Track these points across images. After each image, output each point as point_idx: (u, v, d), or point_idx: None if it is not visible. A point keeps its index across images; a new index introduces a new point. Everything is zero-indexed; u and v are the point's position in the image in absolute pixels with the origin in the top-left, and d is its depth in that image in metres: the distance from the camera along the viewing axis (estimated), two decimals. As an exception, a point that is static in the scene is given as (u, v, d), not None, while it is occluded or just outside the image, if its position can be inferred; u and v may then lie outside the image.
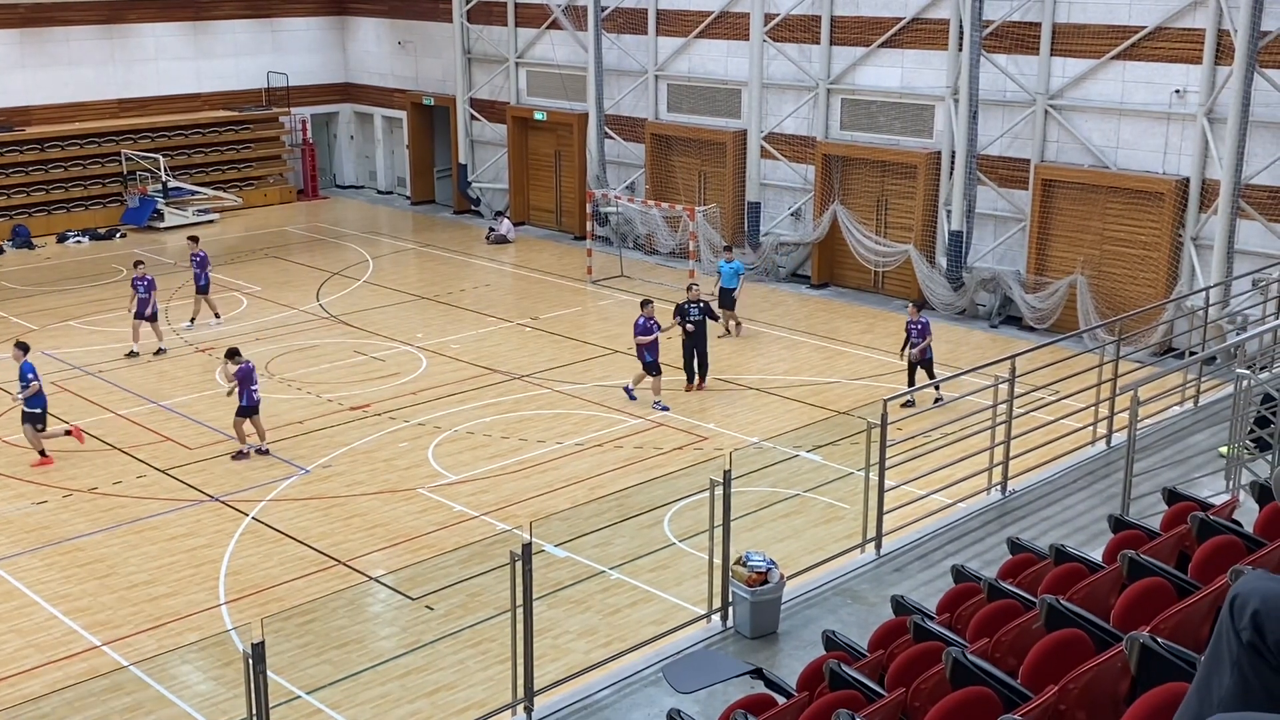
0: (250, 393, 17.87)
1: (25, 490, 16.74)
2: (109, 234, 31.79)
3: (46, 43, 32.10)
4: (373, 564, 14.76)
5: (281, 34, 36.44)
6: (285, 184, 36.37)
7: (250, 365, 18.13)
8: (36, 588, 14.14)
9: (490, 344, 23.19)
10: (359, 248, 30.91)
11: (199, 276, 24.08)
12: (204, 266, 24.13)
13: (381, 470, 17.50)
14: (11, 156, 31.50)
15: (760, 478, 16.72)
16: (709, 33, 28.87)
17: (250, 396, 17.87)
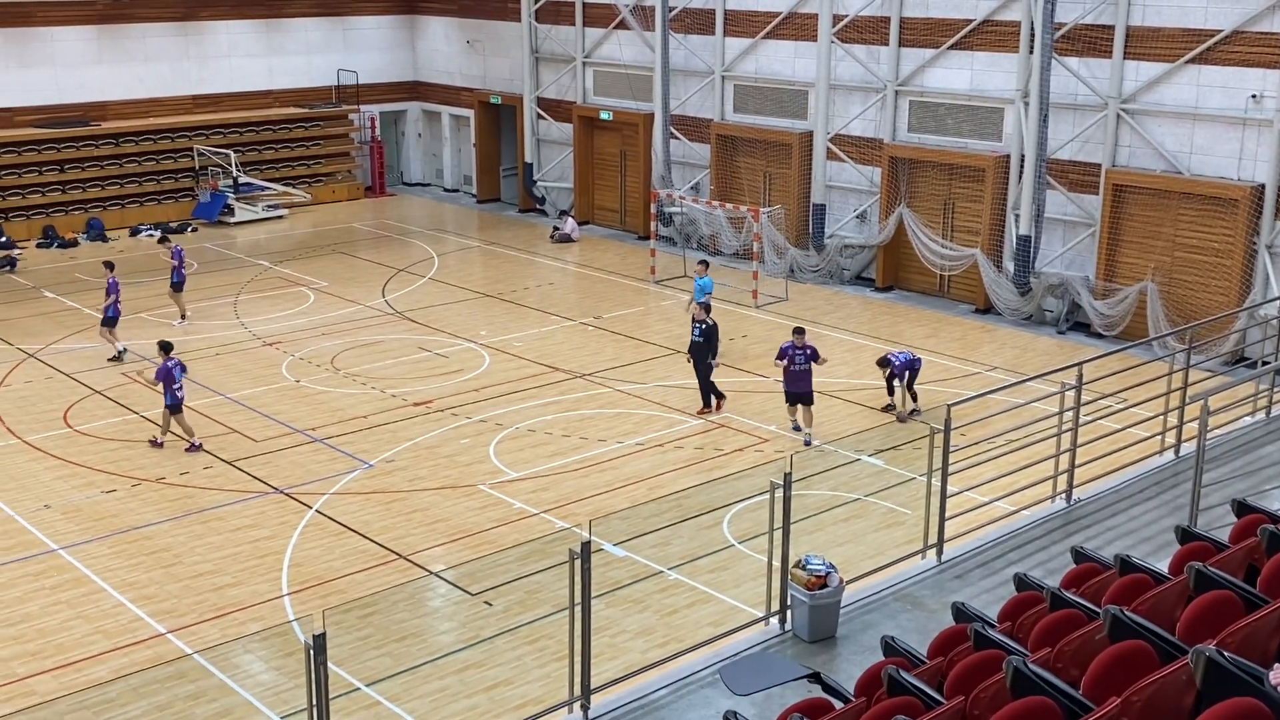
0: (173, 391, 17.88)
1: (95, 479, 17.08)
2: (180, 228, 32.32)
3: (123, 39, 32.70)
4: (433, 559, 14.88)
5: (352, 32, 36.85)
6: (353, 181, 36.77)
7: (171, 364, 17.99)
8: (105, 575, 14.41)
9: (552, 342, 23.29)
10: (424, 245, 31.18)
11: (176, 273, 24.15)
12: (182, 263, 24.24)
13: (443, 466, 17.64)
14: (88, 150, 32.13)
15: (821, 481, 16.64)
16: (777, 33, 28.78)
17: (173, 395, 17.90)
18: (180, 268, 24.27)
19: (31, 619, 13.42)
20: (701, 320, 19.77)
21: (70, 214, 31.80)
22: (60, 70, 31.86)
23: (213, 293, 26.38)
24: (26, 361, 21.92)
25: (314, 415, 19.46)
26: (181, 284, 24.27)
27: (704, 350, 19.55)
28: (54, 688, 12.17)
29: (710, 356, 19.58)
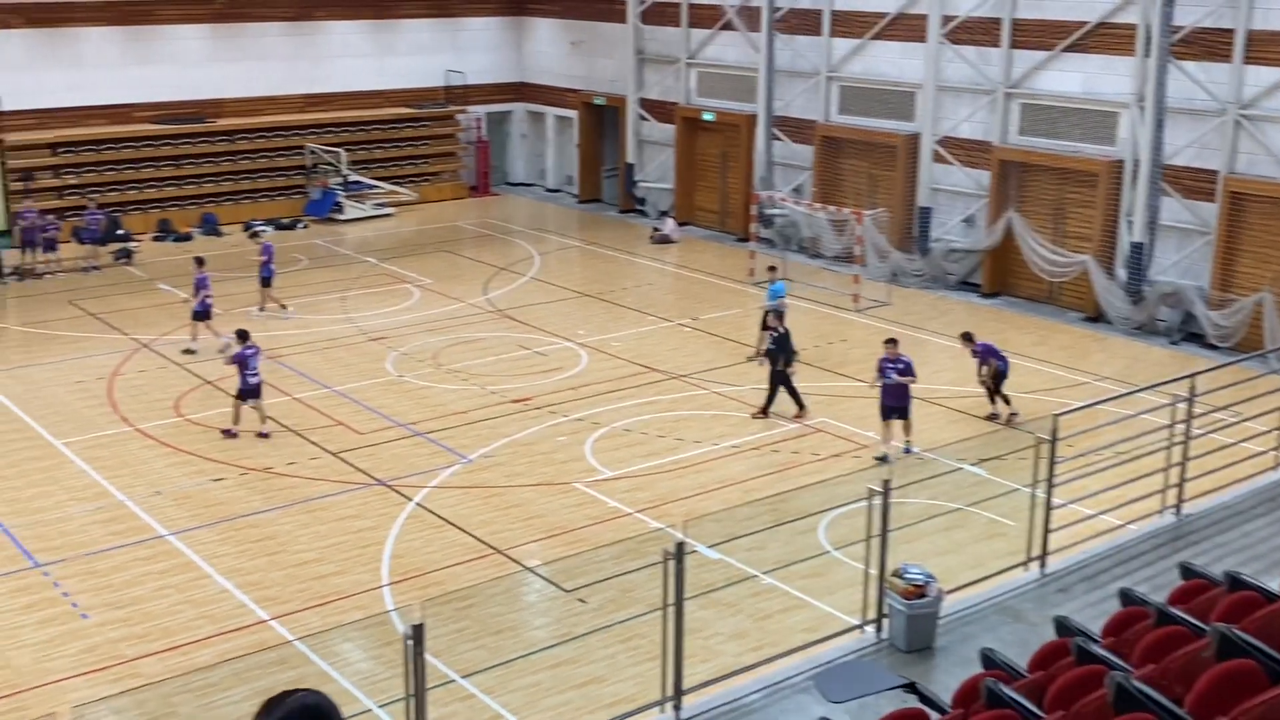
0: (247, 377, 18.32)
1: (205, 467, 17.54)
2: (291, 224, 33.05)
3: (239, 38, 33.53)
4: (529, 554, 15.01)
5: (461, 33, 37.34)
6: (458, 180, 37.25)
7: (249, 352, 18.47)
8: (211, 561, 14.79)
9: (650, 343, 23.34)
10: (526, 244, 31.46)
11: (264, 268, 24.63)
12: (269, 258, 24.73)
13: (540, 463, 17.78)
14: (203, 147, 33.01)
15: (921, 489, 16.43)
16: (884, 34, 28.50)
17: (247, 380, 18.34)
18: (269, 263, 24.75)
19: (140, 602, 13.83)
20: (774, 328, 19.60)
21: (185, 208, 32.69)
22: (178, 68, 32.77)
23: (322, 288, 26.92)
24: (140, 351, 22.59)
25: (416, 410, 19.75)
26: (270, 279, 24.75)
27: (776, 357, 19.39)
28: (160, 670, 12.53)
29: (783, 363, 19.37)
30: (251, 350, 18.63)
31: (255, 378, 18.54)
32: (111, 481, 17.00)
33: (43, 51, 30.75)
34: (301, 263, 29.30)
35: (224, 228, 32.51)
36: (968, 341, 19.87)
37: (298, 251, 30.32)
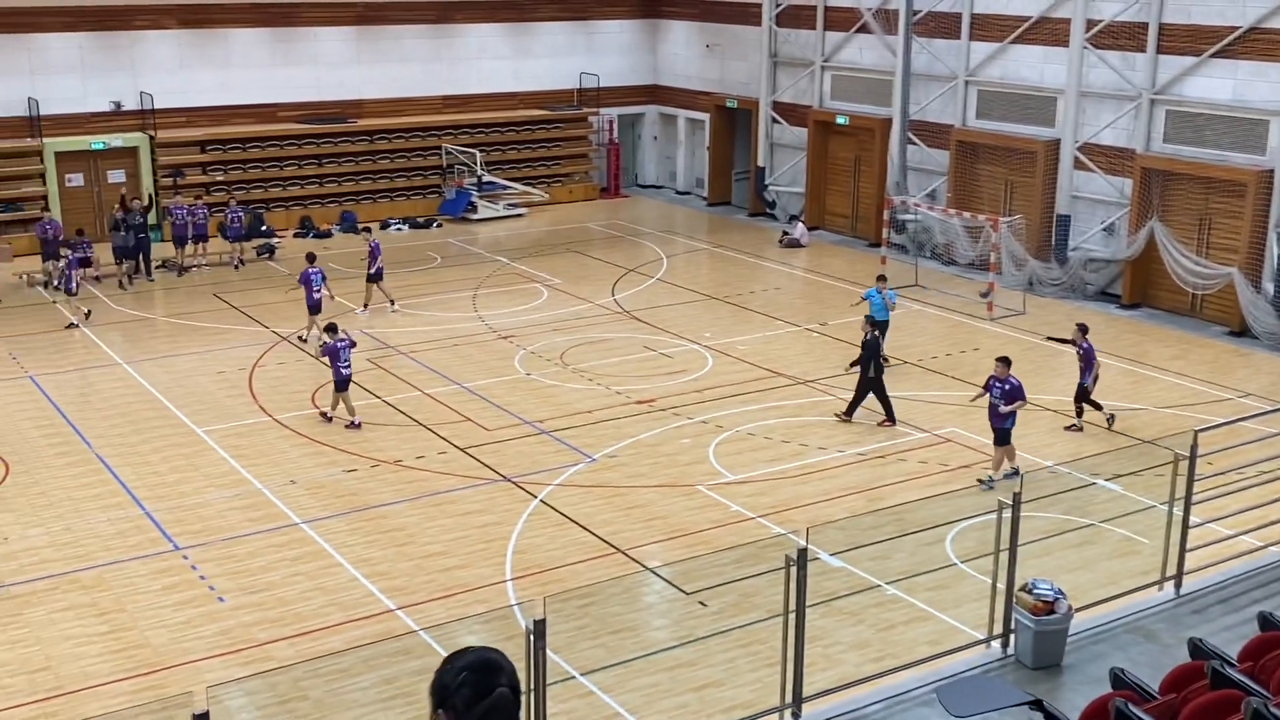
0: (339, 369, 18.76)
1: (338, 459, 18.01)
2: (426, 223, 33.73)
3: (380, 40, 34.34)
4: (649, 555, 15.07)
5: (596, 36, 37.67)
6: (589, 181, 37.58)
7: (340, 344, 18.88)
8: (342, 550, 15.18)
9: (777, 347, 23.23)
10: (655, 246, 31.60)
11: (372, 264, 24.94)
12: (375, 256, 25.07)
13: (663, 464, 17.84)
14: (344, 146, 33.88)
15: (1052, 504, 16.06)
16: (1025, 38, 27.92)
17: (339, 372, 18.76)
18: (377, 260, 25.16)
19: (274, 588, 14.26)
20: (867, 331, 19.36)
21: (326, 206, 33.60)
22: (321, 68, 33.70)
23: (454, 286, 27.41)
24: (280, 344, 23.29)
25: (542, 408, 19.99)
26: (379, 275, 25.19)
27: (867, 364, 19.14)
28: (290, 654, 12.90)
29: (869, 371, 19.10)
30: (343, 343, 19.09)
31: (346, 369, 19.03)
32: (249, 469, 17.56)
33: (193, 52, 31.91)
34: (435, 261, 29.87)
35: (362, 225, 33.25)
36: (1081, 333, 19.23)
37: (431, 250, 30.93)
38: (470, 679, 3.80)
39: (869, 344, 19.20)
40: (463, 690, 3.79)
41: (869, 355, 19.14)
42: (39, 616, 13.58)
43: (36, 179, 30.24)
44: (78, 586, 14.23)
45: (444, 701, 3.81)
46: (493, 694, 3.77)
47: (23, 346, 23.06)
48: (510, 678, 3.84)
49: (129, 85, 31.10)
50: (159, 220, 30.42)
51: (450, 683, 3.82)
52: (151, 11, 31.16)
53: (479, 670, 3.83)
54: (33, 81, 29.94)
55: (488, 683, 3.80)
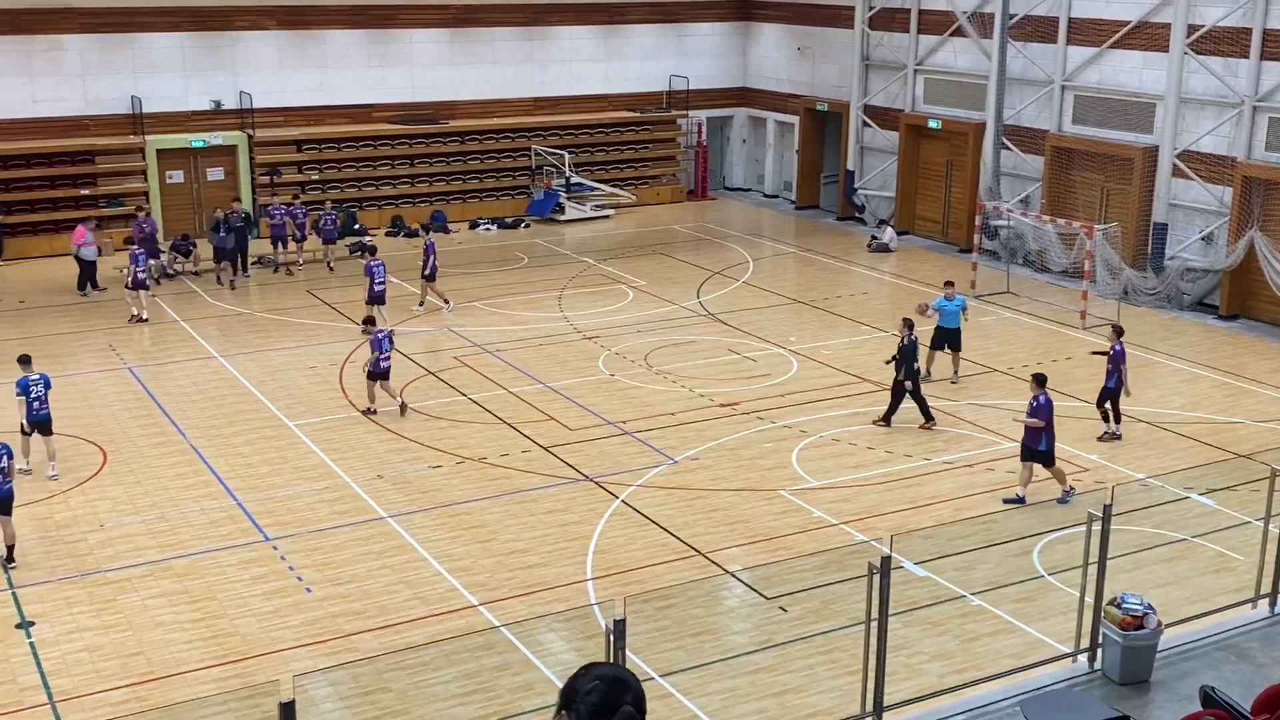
0: (379, 360, 19.34)
1: (424, 454, 18.23)
2: (514, 224, 34.01)
3: (473, 42, 34.71)
4: (730, 559, 15.04)
5: (687, 39, 37.70)
6: (677, 184, 37.61)
7: (381, 335, 19.51)
8: (426, 545, 15.36)
9: (863, 352, 23.04)
10: (741, 249, 31.52)
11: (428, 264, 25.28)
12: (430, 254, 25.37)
13: (745, 468, 17.79)
14: (436, 147, 34.29)
15: (1144, 517, 15.73)
16: (1124, 43, 27.39)
17: (378, 364, 19.34)
18: (432, 259, 25.39)
19: (359, 580, 14.47)
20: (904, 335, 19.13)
21: (417, 205, 34.03)
22: (416, 70, 34.15)
23: (540, 286, 27.60)
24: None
25: (625, 409, 20.05)
26: (433, 275, 25.43)
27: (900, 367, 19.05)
28: (374, 646, 13.08)
29: (900, 374, 19.00)
30: (383, 334, 19.64)
31: (386, 361, 19.61)
32: (337, 463, 17.85)
33: (292, 52, 32.52)
34: (522, 261, 30.11)
35: (452, 225, 33.68)
36: (1117, 335, 18.95)
37: (519, 250, 31.18)
38: (600, 689, 3.95)
39: (905, 348, 19.05)
40: (590, 698, 3.94)
41: (904, 359, 19.02)
42: (134, 602, 13.93)
43: (138, 175, 31.03)
44: (171, 574, 14.58)
45: (569, 704, 3.97)
46: (618, 710, 3.92)
47: (122, 339, 23.68)
48: (637, 700, 3.98)
49: (229, 85, 31.79)
50: (256, 220, 31.07)
51: (580, 688, 3.98)
52: (253, 12, 31.82)
53: (610, 683, 3.98)
54: (136, 80, 30.75)
55: (615, 698, 3.94)
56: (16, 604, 13.83)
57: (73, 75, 30.18)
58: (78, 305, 25.93)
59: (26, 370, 17.62)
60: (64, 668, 12.62)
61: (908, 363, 19.01)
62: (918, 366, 19.26)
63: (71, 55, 30.08)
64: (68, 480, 17.16)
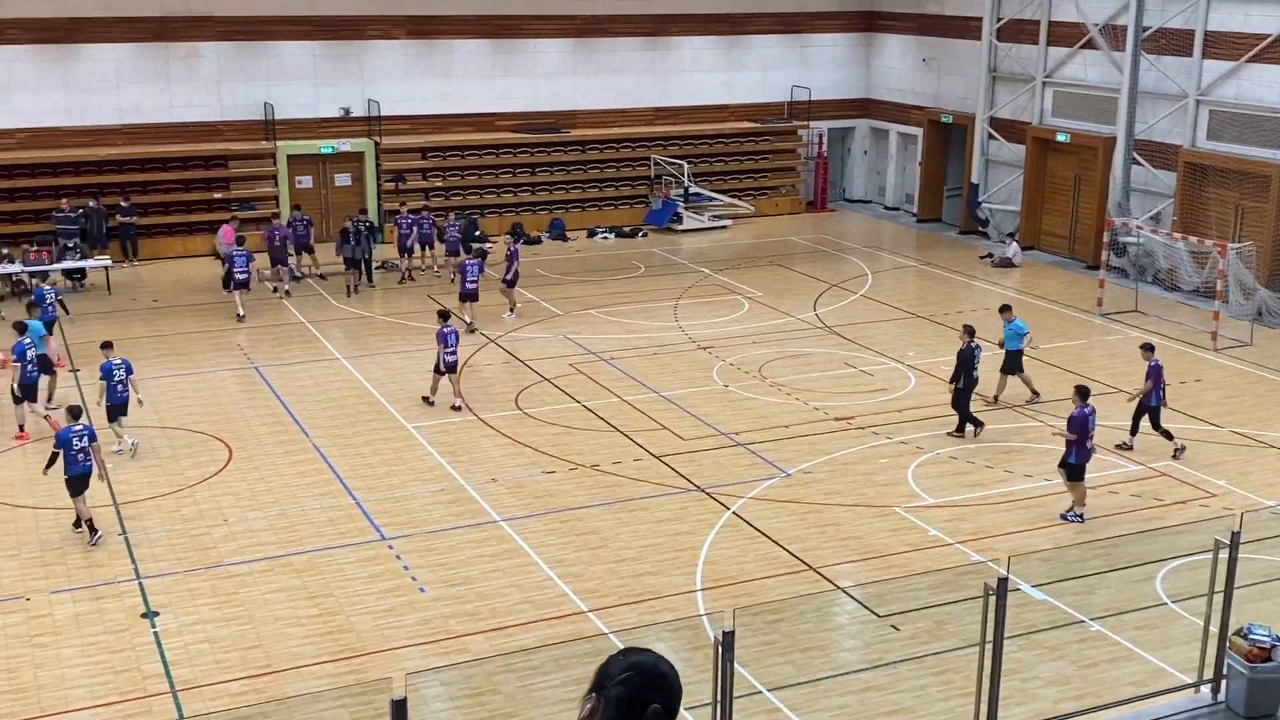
0: (444, 355, 20.00)
1: (538, 460, 18.41)
2: (632, 233, 34.19)
3: (596, 52, 35.02)
4: (842, 574, 14.90)
5: (810, 49, 37.53)
6: (796, 195, 37.43)
7: (446, 331, 20.15)
8: (538, 549, 15.51)
9: (983, 369, 22.61)
10: (860, 261, 31.24)
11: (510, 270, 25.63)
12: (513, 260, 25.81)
13: (859, 483, 17.61)
14: (556, 156, 34.66)
15: (1275, 546, 15.17)
16: (1263, 57, 26.51)
17: (444, 358, 20.02)
18: (514, 266, 25.60)
19: (471, 582, 14.67)
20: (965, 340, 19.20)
21: (536, 213, 34.43)
22: (539, 79, 34.57)
23: (656, 295, 27.70)
24: (488, 346, 23.96)
25: (738, 420, 20.00)
26: (514, 281, 25.63)
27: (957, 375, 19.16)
28: (485, 648, 13.25)
29: (961, 383, 19.08)
30: (450, 330, 20.23)
31: (452, 356, 20.17)
32: (453, 466, 18.13)
33: (419, 61, 33.17)
34: (639, 270, 30.25)
35: (570, 233, 33.97)
36: (1150, 352, 18.85)
37: (636, 259, 31.33)
38: (632, 679, 3.69)
39: (961, 353, 19.06)
40: (619, 688, 3.68)
41: (961, 366, 19.04)
42: (254, 596, 14.32)
43: (269, 180, 31.94)
44: (291, 570, 14.95)
45: (600, 687, 3.73)
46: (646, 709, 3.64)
47: (250, 339, 24.39)
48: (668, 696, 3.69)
49: (357, 92, 32.55)
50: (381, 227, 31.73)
51: (613, 673, 3.72)
52: (383, 22, 32.56)
53: (644, 675, 3.71)
54: (269, 87, 31.66)
55: (645, 694, 3.67)
56: (143, 594, 14.32)
57: (209, 82, 31.21)
58: (208, 304, 26.76)
59: (108, 355, 18.72)
60: (186, 658, 13.02)
61: (965, 370, 19.00)
62: (976, 375, 19.26)
63: (208, 63, 31.10)
64: (194, 475, 17.73)
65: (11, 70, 29.49)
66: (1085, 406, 16.29)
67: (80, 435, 15.54)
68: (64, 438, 15.48)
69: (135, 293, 27.55)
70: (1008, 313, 20.93)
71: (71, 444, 15.41)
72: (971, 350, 19.06)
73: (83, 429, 15.69)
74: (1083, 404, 16.33)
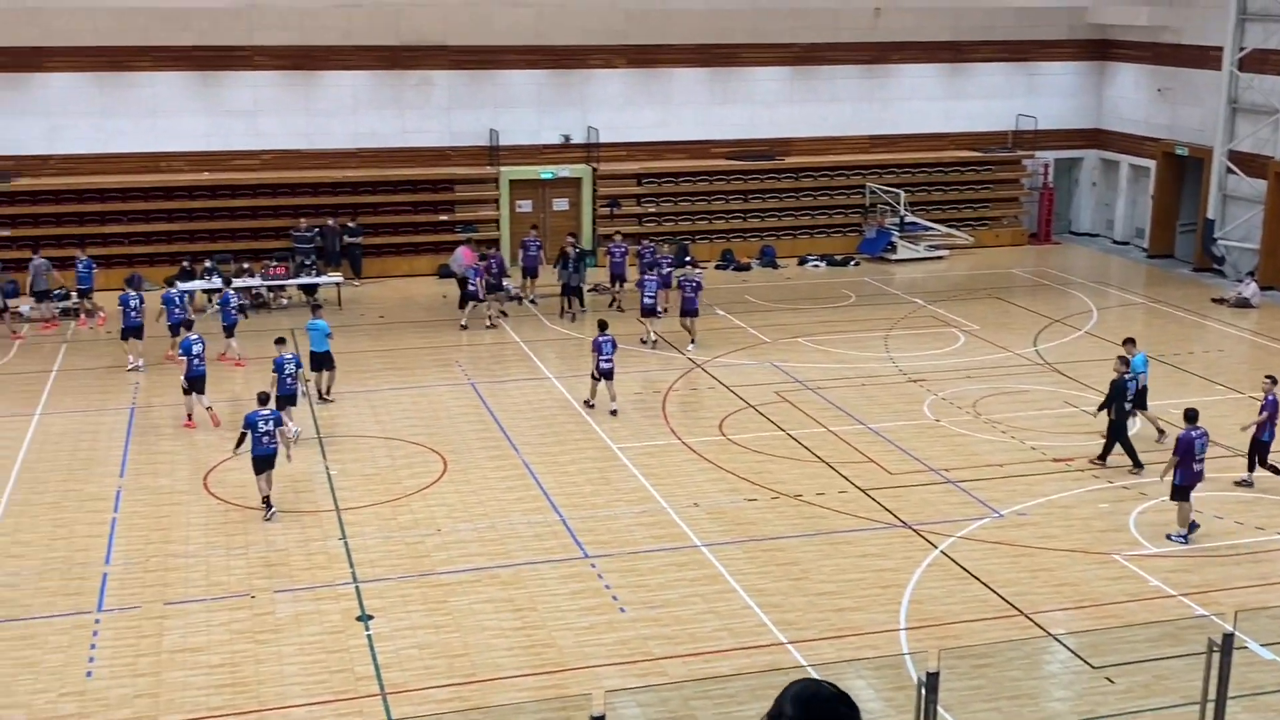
0: (600, 361, 21.14)
1: (740, 486, 18.39)
2: (844, 261, 33.87)
3: (813, 79, 34.91)
4: (1054, 622, 14.36)
5: (1037, 77, 36.52)
6: (1018, 226, 36.41)
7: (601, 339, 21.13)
8: (737, 577, 15.47)
9: (1215, 414, 21.45)
10: (1084, 296, 30.14)
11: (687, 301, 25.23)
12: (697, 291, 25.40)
13: (1077, 528, 16.95)
14: (769, 183, 34.67)
15: None
16: None
17: (599, 365, 21.17)
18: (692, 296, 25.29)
19: (670, 605, 14.75)
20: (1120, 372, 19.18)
21: (747, 240, 34.49)
22: (755, 107, 34.69)
23: (866, 325, 27.35)
24: (693, 371, 24.10)
25: (949, 456, 19.54)
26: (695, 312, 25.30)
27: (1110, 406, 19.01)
28: (682, 672, 13.29)
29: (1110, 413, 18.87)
30: (606, 339, 21.17)
31: (607, 363, 21.12)
32: (656, 488, 18.28)
33: (638, 90, 33.75)
34: (849, 299, 29.95)
35: (781, 260, 33.90)
36: (1270, 383, 18.13)
37: (847, 288, 31.03)
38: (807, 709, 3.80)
39: (1115, 384, 18.76)
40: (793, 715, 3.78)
41: (1113, 396, 18.74)
42: (462, 605, 14.75)
43: (491, 204, 32.98)
44: (497, 582, 15.34)
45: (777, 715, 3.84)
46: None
47: (468, 356, 25.20)
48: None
49: (578, 120, 33.34)
50: (594, 251, 32.36)
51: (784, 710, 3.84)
52: (605, 52, 33.28)
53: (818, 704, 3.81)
54: (495, 114, 32.73)
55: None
56: (359, 598, 14.93)
57: (439, 109, 32.48)
58: (431, 322, 27.79)
59: (282, 350, 20.21)
60: (396, 662, 13.50)
61: (1117, 401, 18.81)
62: (1128, 407, 19.06)
63: (439, 90, 32.38)
64: (411, 485, 18.40)
65: (259, 95, 31.36)
66: (1193, 429, 16.52)
67: (266, 420, 17.10)
68: (251, 420, 17.06)
69: (363, 309, 28.83)
70: (1130, 346, 20.47)
71: (257, 426, 16.99)
72: (1124, 382, 19.00)
73: (269, 414, 17.27)
74: (1190, 426, 16.57)
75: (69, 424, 21.04)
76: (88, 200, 30.40)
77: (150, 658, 13.56)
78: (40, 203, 30.20)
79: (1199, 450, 16.37)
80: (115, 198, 30.58)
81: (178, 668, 13.38)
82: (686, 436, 20.49)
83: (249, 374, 23.10)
